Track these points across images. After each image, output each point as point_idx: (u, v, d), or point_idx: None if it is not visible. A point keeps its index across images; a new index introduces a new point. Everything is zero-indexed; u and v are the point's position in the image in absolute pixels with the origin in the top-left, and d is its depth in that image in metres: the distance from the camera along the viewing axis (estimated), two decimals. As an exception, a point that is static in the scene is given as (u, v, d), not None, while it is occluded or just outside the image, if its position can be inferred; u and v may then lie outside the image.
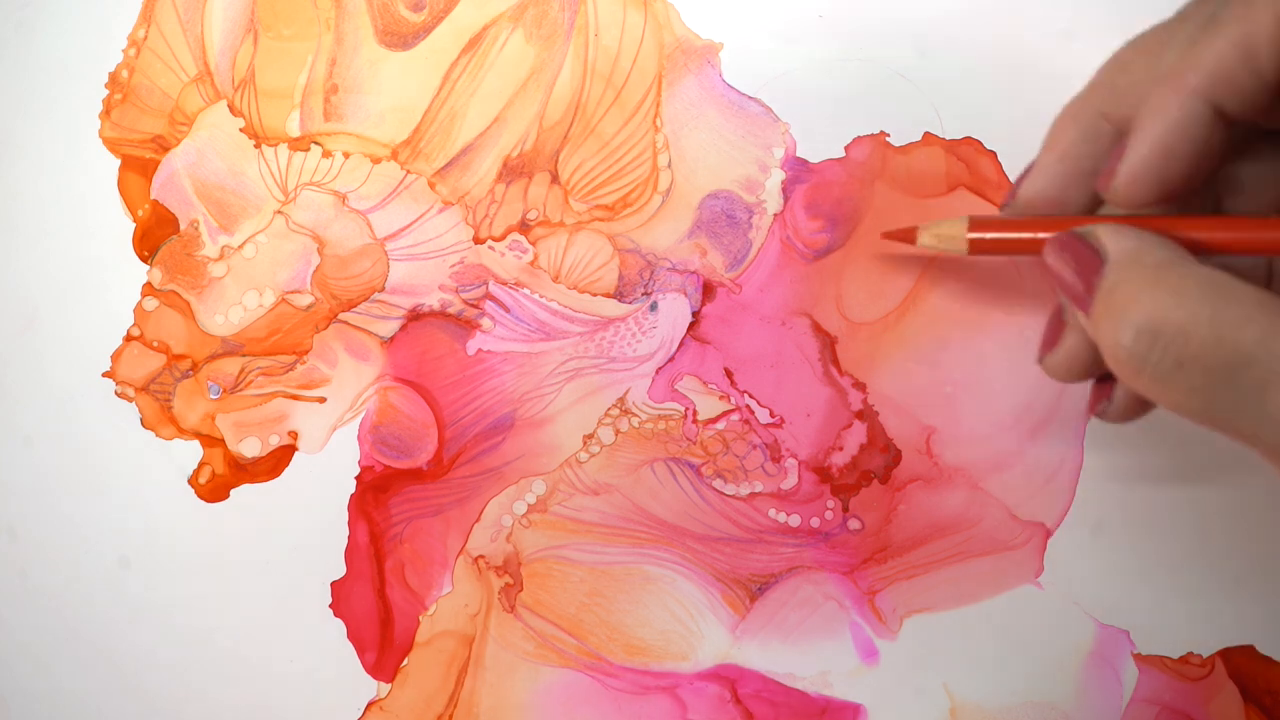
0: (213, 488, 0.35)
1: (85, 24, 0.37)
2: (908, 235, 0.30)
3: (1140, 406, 0.28)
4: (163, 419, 0.35)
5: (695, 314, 0.34)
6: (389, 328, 0.35)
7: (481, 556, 0.34)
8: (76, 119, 0.36)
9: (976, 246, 0.29)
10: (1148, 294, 0.24)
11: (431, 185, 0.35)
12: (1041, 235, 0.27)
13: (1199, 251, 0.25)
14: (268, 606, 0.34)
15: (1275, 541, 0.32)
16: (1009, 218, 0.29)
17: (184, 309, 0.35)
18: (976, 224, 0.28)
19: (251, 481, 0.35)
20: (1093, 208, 0.28)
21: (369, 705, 0.34)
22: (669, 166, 0.35)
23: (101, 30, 0.37)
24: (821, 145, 0.34)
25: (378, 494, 0.34)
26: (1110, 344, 0.24)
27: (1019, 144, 0.34)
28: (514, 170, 0.35)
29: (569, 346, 0.34)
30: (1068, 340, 0.28)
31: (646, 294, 0.34)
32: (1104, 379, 0.29)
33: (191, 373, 0.35)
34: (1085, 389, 0.33)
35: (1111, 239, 0.25)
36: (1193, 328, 0.23)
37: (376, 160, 0.35)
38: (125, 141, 0.36)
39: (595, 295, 0.34)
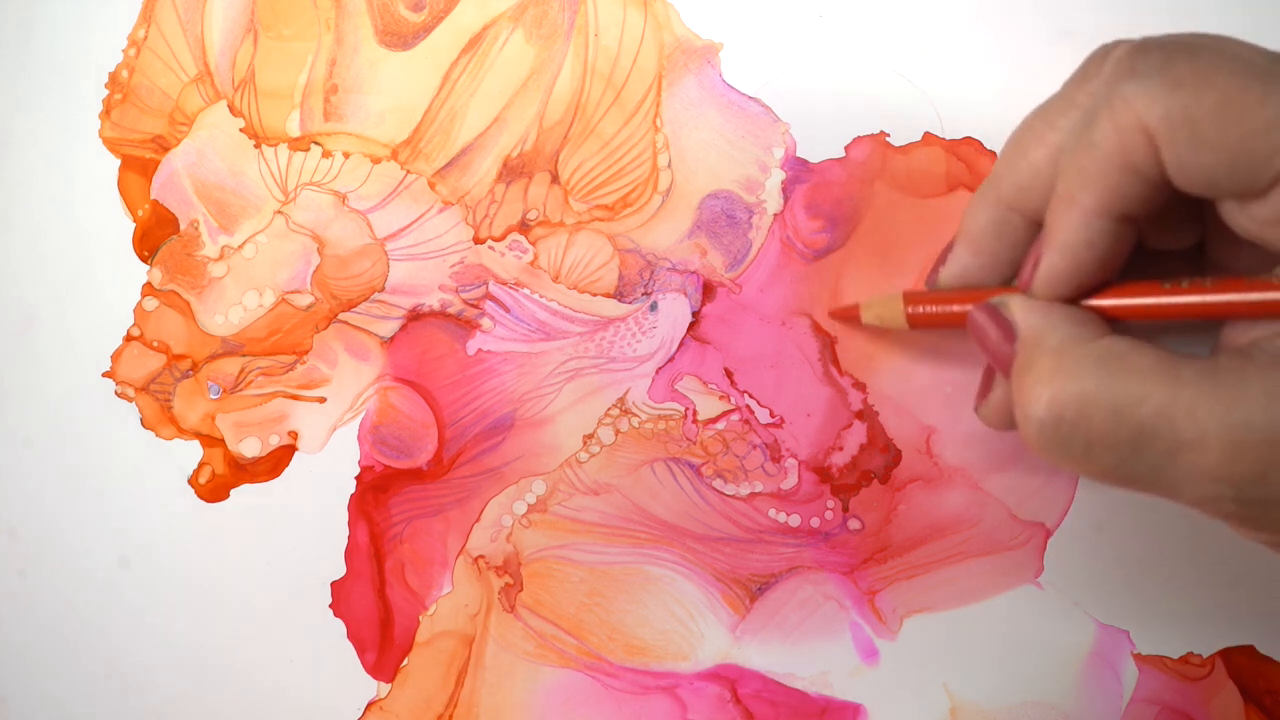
0: (213, 488, 0.35)
1: (85, 24, 0.37)
2: (851, 313, 0.32)
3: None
4: (163, 419, 0.35)
5: (695, 314, 0.34)
6: (389, 328, 0.35)
7: (481, 556, 0.34)
8: (76, 119, 0.36)
9: (915, 320, 0.30)
10: (1050, 379, 0.24)
11: (431, 185, 0.35)
12: (969, 307, 0.28)
13: (1118, 319, 0.26)
14: (268, 606, 0.34)
15: (1275, 541, 0.32)
16: (940, 292, 0.30)
17: (184, 309, 0.35)
18: (911, 299, 0.30)
19: (251, 481, 0.35)
20: (1011, 282, 0.29)
21: (369, 705, 0.34)
22: (669, 166, 0.35)
23: (101, 30, 0.37)
24: (821, 145, 0.34)
25: (378, 494, 0.34)
26: (1022, 427, 0.25)
27: (1019, 144, 0.34)
28: (514, 170, 0.35)
29: (569, 346, 0.34)
30: (997, 391, 0.29)
31: (646, 294, 0.34)
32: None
33: (191, 373, 0.35)
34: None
35: (1021, 314, 0.26)
36: (1093, 410, 0.24)
37: (376, 160, 0.35)
38: (125, 141, 0.36)
39: (595, 295, 0.34)
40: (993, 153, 0.34)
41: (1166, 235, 0.27)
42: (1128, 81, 0.24)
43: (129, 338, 0.35)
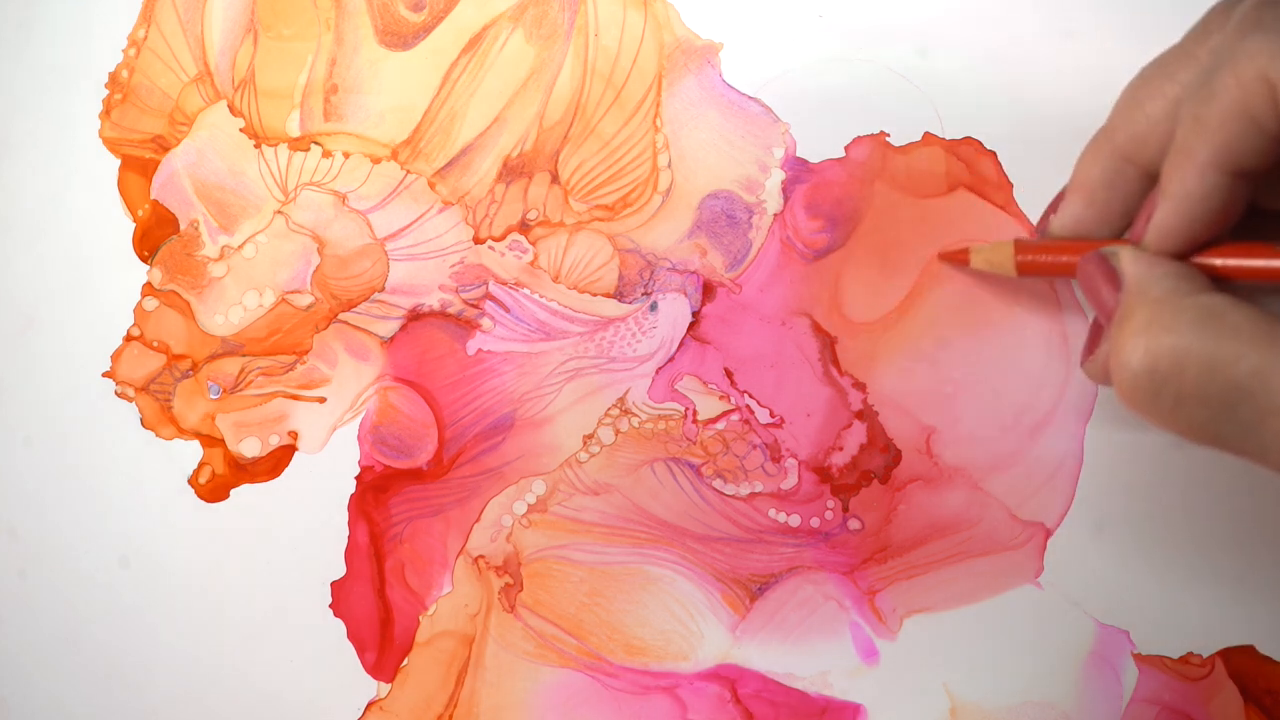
0: (213, 488, 0.35)
1: (85, 24, 0.37)
2: (961, 257, 0.32)
3: None
4: (163, 419, 0.35)
5: (695, 314, 0.34)
6: (389, 328, 0.35)
7: (481, 556, 0.34)
8: (76, 119, 0.36)
9: (1024, 268, 0.30)
10: (1146, 330, 0.24)
11: (431, 185, 0.35)
12: (1079, 258, 0.28)
13: (1225, 279, 0.26)
14: (267, 606, 0.34)
15: (1275, 541, 0.32)
16: (1051, 241, 0.30)
17: (184, 309, 0.35)
18: (1021, 248, 0.30)
19: (251, 481, 0.35)
20: (1123, 235, 0.29)
21: (369, 705, 0.34)
22: (669, 166, 0.35)
23: (101, 30, 0.37)
24: (821, 145, 0.34)
25: (378, 494, 0.34)
26: (1116, 376, 0.25)
27: (1019, 144, 0.34)
28: (514, 170, 0.35)
29: (569, 346, 0.34)
30: (1103, 347, 0.29)
31: (646, 294, 0.34)
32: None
33: (191, 373, 0.35)
34: (1085, 389, 0.33)
35: (1129, 264, 0.26)
36: (1187, 364, 0.24)
37: (376, 160, 0.35)
38: (125, 141, 0.36)
39: (595, 295, 0.34)
40: (993, 153, 0.34)
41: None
42: (1253, 34, 0.23)
43: (129, 338, 0.35)
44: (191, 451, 0.35)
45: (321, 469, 0.35)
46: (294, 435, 0.35)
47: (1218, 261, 0.26)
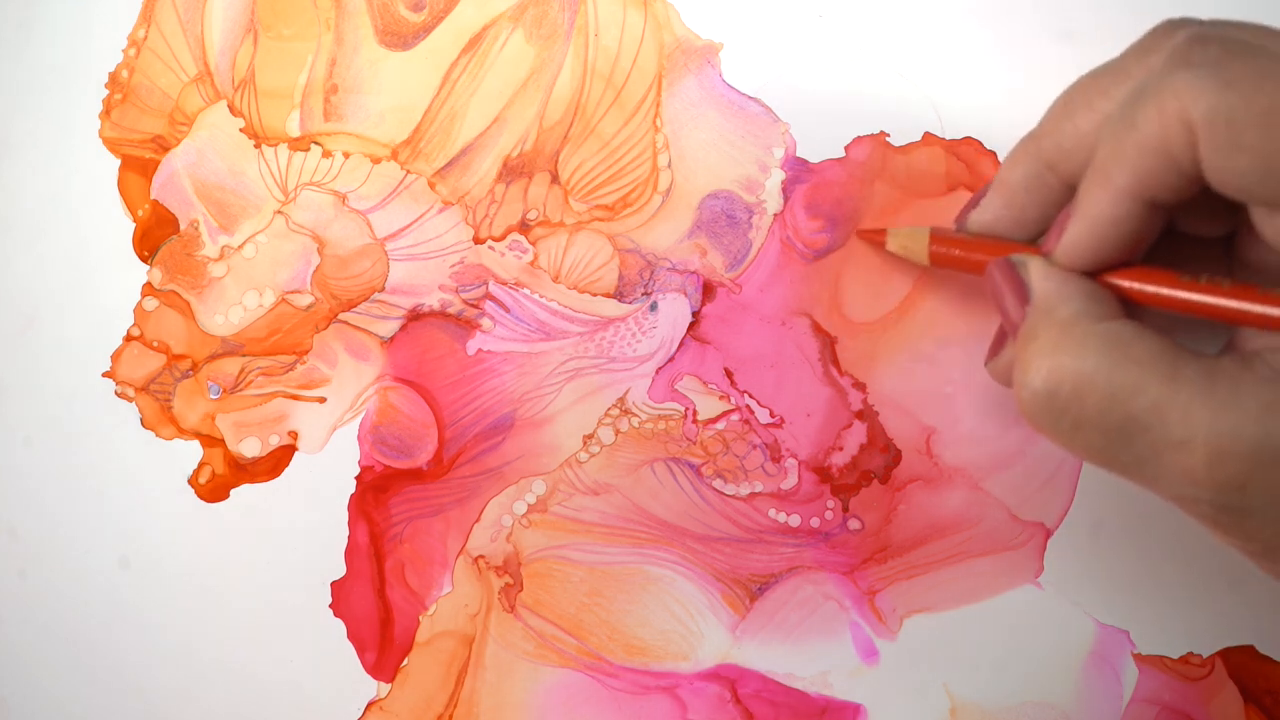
0: (213, 488, 0.35)
1: (85, 24, 0.37)
2: (877, 237, 0.32)
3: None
4: (163, 419, 0.35)
5: (695, 314, 0.34)
6: (389, 328, 0.35)
7: (481, 556, 0.34)
8: (76, 119, 0.36)
9: (936, 259, 0.30)
10: (1051, 352, 0.24)
11: (431, 185, 0.35)
12: (990, 259, 0.28)
13: (1133, 302, 0.26)
14: (267, 606, 0.34)
15: (1275, 541, 0.32)
16: (968, 236, 0.30)
17: (184, 309, 0.35)
18: (937, 238, 0.30)
19: (251, 481, 0.35)
20: (1036, 241, 0.29)
21: (369, 705, 0.34)
22: (669, 166, 0.35)
23: (101, 30, 0.37)
24: (821, 145, 0.34)
25: (378, 494, 0.34)
26: (1018, 393, 0.25)
27: (1019, 144, 0.34)
28: (514, 170, 0.35)
29: (569, 346, 0.34)
30: (1007, 351, 0.29)
31: (646, 294, 0.34)
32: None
33: (191, 373, 0.35)
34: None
35: (1039, 279, 0.26)
36: (1088, 392, 0.24)
37: (376, 160, 0.35)
38: (125, 141, 0.36)
39: (595, 295, 0.34)
40: (993, 153, 0.34)
41: (1199, 223, 0.27)
42: (1181, 71, 0.23)
43: (129, 338, 0.35)
44: (191, 451, 0.35)
45: (321, 469, 0.35)
46: (294, 435, 0.35)
47: (1124, 283, 0.26)
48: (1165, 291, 0.26)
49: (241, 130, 0.36)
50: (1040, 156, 0.28)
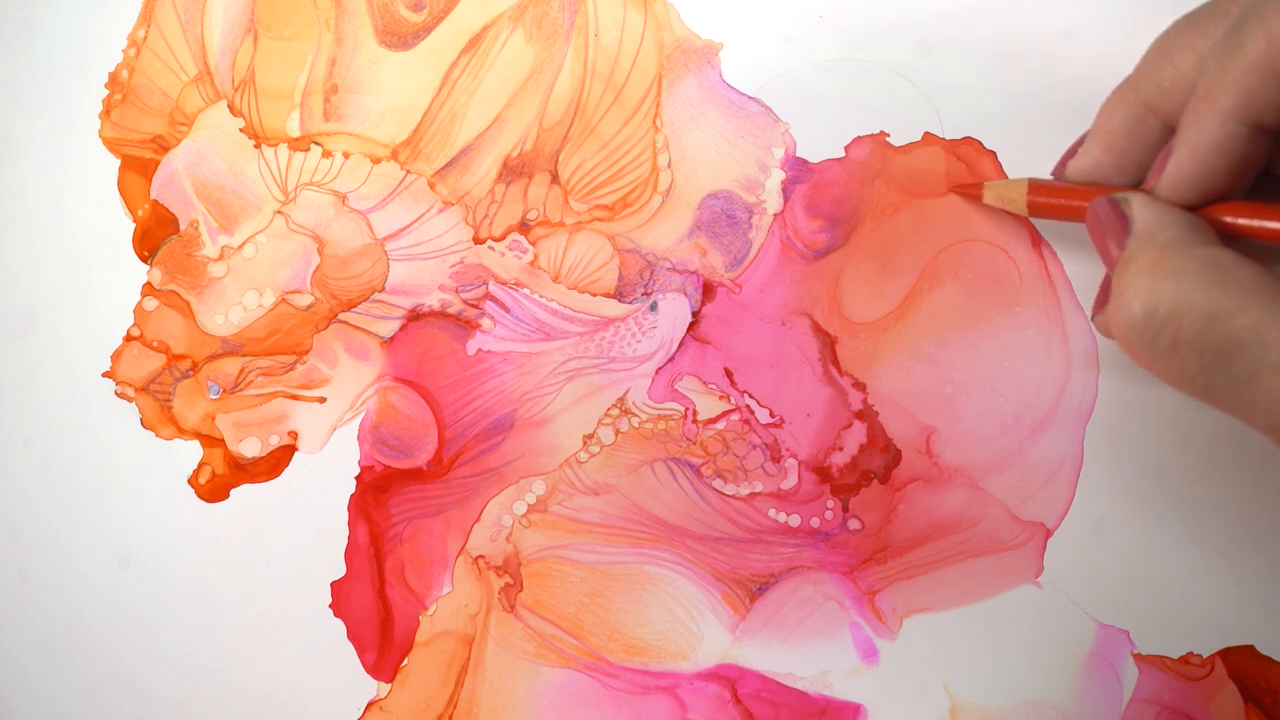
0: (213, 488, 0.35)
1: (85, 24, 0.37)
2: (974, 190, 0.32)
3: None
4: (163, 419, 0.35)
5: (695, 314, 0.34)
6: (389, 328, 0.35)
7: (481, 556, 0.34)
8: (76, 119, 0.36)
9: (1035, 208, 0.30)
10: (1150, 273, 0.24)
11: (431, 185, 0.35)
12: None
13: (1233, 235, 0.26)
14: (268, 606, 0.34)
15: (1275, 541, 0.32)
16: (1067, 184, 0.30)
17: (184, 309, 0.35)
18: (1036, 188, 0.30)
19: (251, 481, 0.35)
20: (1138, 185, 0.29)
21: (369, 705, 0.34)
22: (669, 166, 0.35)
23: (101, 30, 0.37)
24: (821, 145, 0.34)
25: (378, 494, 0.34)
26: (1114, 317, 0.25)
27: (1019, 144, 0.34)
28: (514, 170, 0.35)
29: (569, 346, 0.34)
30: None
31: (646, 294, 0.34)
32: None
33: (191, 373, 0.35)
34: (1085, 390, 0.33)
35: (1140, 210, 0.26)
36: (1186, 311, 0.23)
37: (376, 160, 0.35)
38: (125, 141, 0.36)
39: (595, 295, 0.34)
40: (992, 153, 0.34)
41: None
42: None
43: (129, 338, 0.35)
44: (191, 451, 0.35)
45: (321, 469, 0.35)
46: (294, 435, 0.35)
47: (1228, 218, 0.26)
48: (1270, 224, 0.25)
49: (241, 130, 0.36)
50: (1139, 99, 0.27)
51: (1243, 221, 0.26)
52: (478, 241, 0.35)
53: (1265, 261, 0.24)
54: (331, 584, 0.34)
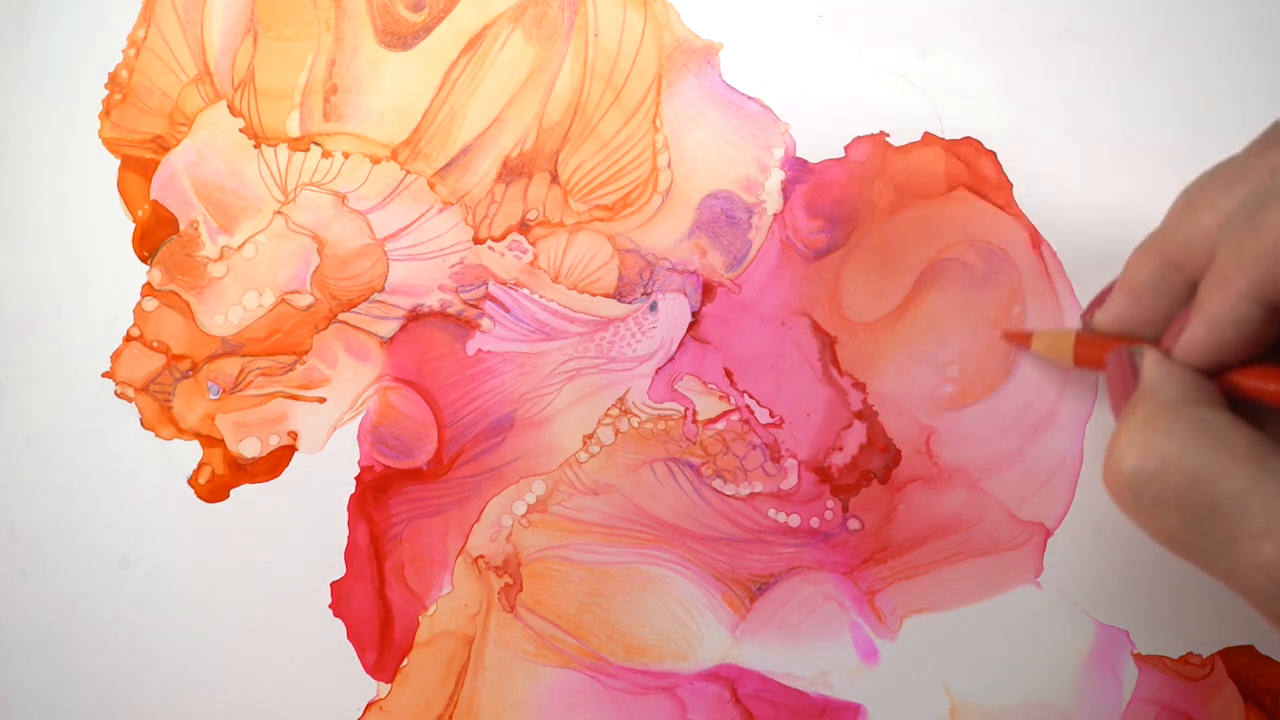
0: (213, 488, 0.35)
1: (85, 24, 0.37)
2: (1022, 339, 0.33)
3: None
4: (163, 419, 0.35)
5: (695, 314, 0.34)
6: (389, 328, 0.35)
7: (481, 556, 0.34)
8: (76, 119, 0.36)
9: (1080, 360, 0.30)
10: (1144, 429, 0.25)
11: (431, 185, 0.35)
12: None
13: (1244, 398, 0.26)
14: (268, 606, 0.34)
15: (1275, 541, 0.32)
16: (1105, 337, 0.30)
17: (184, 309, 0.35)
18: (1081, 340, 0.30)
19: (251, 481, 0.35)
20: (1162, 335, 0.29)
21: (369, 705, 0.34)
22: (668, 166, 0.35)
23: (101, 30, 0.37)
24: (821, 145, 0.34)
25: (378, 494, 0.34)
26: (1105, 467, 0.25)
27: (1019, 144, 0.34)
28: (514, 170, 0.35)
29: (569, 346, 0.34)
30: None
31: (646, 294, 0.34)
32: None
33: (191, 373, 0.35)
34: (1085, 390, 0.33)
35: (1149, 366, 0.27)
36: (1173, 469, 0.24)
37: (376, 160, 0.35)
38: (125, 141, 0.36)
39: (595, 295, 0.34)
40: (992, 153, 0.34)
41: None
42: None
43: (129, 338, 0.35)
44: (191, 451, 0.35)
45: (321, 469, 0.35)
46: (294, 435, 0.35)
47: (1237, 379, 0.26)
48: (1272, 387, 0.26)
49: (241, 130, 0.36)
50: (1165, 256, 0.28)
51: (1250, 383, 0.26)
52: (477, 241, 0.35)
53: (1271, 423, 0.25)
54: (331, 584, 0.34)
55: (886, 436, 0.33)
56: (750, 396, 0.34)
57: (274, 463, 0.35)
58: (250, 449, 0.35)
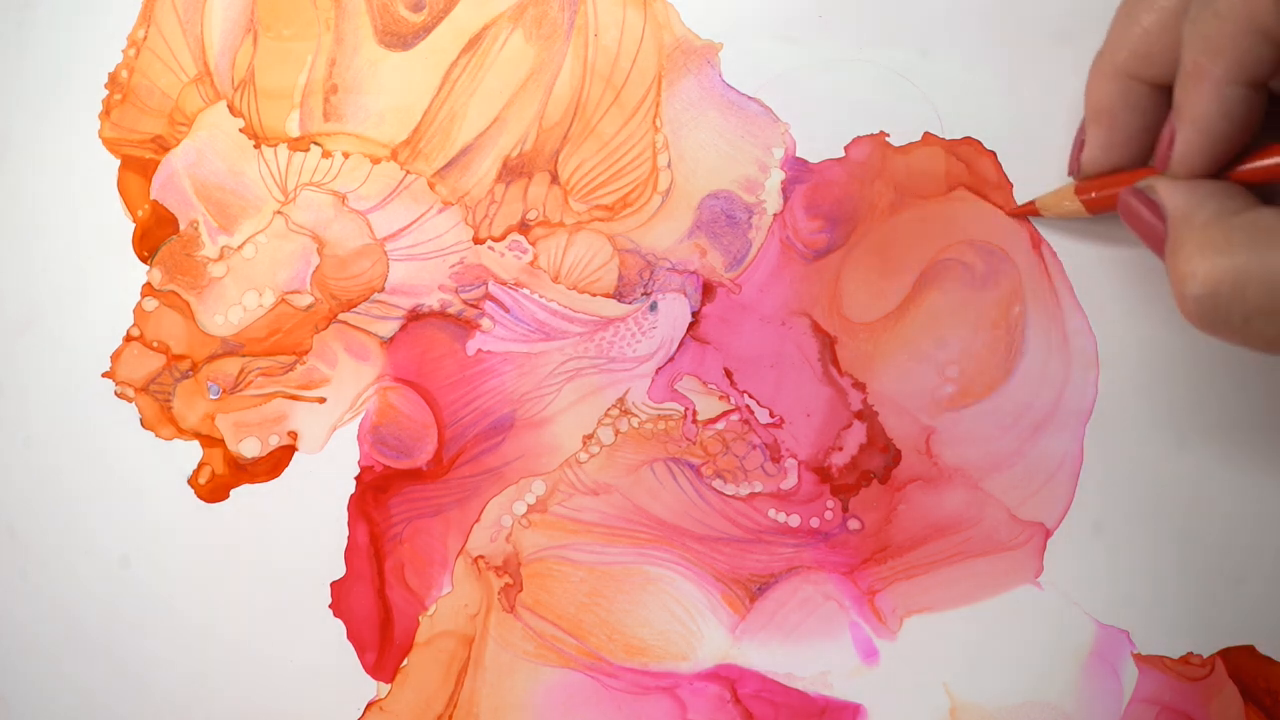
0: (213, 488, 0.35)
1: (85, 24, 0.37)
2: (1031, 210, 0.32)
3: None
4: (163, 419, 0.35)
5: (695, 314, 0.34)
6: (389, 328, 0.35)
7: (481, 556, 0.34)
8: (76, 119, 0.36)
9: (1092, 206, 0.30)
10: (1200, 255, 0.24)
11: (431, 185, 0.35)
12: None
13: (1263, 184, 0.26)
14: (268, 606, 0.34)
15: (1275, 541, 0.32)
16: (1107, 177, 0.30)
17: (184, 309, 0.35)
18: (1082, 188, 0.30)
19: (251, 481, 0.35)
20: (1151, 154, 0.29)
21: (369, 705, 0.34)
22: (668, 166, 0.35)
23: (101, 30, 0.37)
24: (821, 145, 0.34)
25: (377, 494, 0.34)
26: (1181, 305, 0.25)
27: (1019, 144, 0.34)
28: (514, 170, 0.35)
29: (569, 346, 0.34)
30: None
31: (646, 294, 0.34)
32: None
33: (191, 373, 0.35)
34: (1085, 389, 0.33)
35: (1168, 194, 0.26)
36: (1246, 282, 0.23)
37: (376, 160, 0.35)
38: (125, 141, 0.36)
39: (595, 295, 0.34)
40: (992, 153, 0.34)
41: None
42: None
43: (129, 338, 0.35)
44: (191, 451, 0.35)
45: (321, 469, 0.35)
46: (294, 435, 0.35)
47: (1251, 166, 0.26)
48: None
49: (241, 130, 0.36)
50: (1119, 70, 0.27)
51: (1262, 167, 0.25)
52: (477, 241, 0.35)
53: None
54: (331, 584, 0.34)
55: (886, 436, 0.33)
56: (750, 396, 0.34)
57: (274, 463, 0.35)
58: (250, 449, 0.35)
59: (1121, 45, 0.27)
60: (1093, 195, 0.30)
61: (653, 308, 0.34)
